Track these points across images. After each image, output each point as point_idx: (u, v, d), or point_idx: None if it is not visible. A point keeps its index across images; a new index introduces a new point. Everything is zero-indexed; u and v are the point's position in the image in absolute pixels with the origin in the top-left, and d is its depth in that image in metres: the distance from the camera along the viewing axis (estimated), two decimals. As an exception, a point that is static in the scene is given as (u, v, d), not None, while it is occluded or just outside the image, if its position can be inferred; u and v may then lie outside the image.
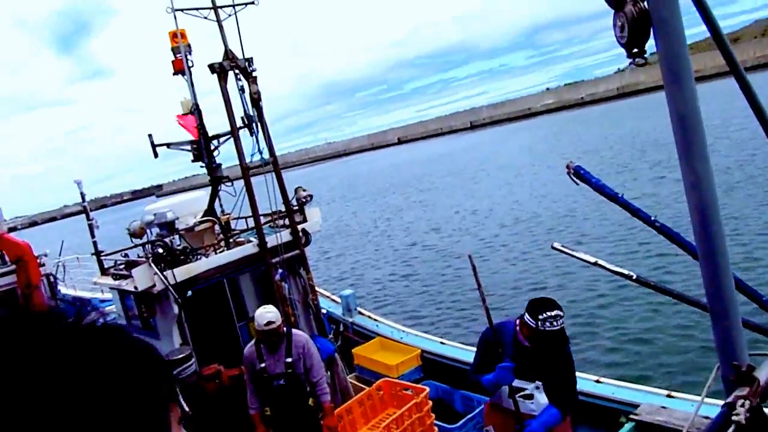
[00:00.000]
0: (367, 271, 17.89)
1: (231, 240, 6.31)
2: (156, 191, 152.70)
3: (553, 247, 3.57)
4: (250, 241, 6.31)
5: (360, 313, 7.98)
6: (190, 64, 5.88)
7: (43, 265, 13.50)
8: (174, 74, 5.95)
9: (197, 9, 5.74)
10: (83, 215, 7.20)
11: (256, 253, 6.13)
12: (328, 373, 6.32)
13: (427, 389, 5.67)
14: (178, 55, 5.82)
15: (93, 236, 6.91)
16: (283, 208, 6.45)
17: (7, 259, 14.70)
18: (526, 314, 3.77)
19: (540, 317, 3.67)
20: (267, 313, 4.75)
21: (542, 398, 3.90)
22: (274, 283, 6.15)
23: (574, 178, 2.91)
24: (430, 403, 5.63)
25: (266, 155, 6.15)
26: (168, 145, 6.18)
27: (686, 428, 3.76)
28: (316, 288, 6.75)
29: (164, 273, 5.51)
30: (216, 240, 6.58)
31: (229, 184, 6.21)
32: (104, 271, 6.92)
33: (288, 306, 6.25)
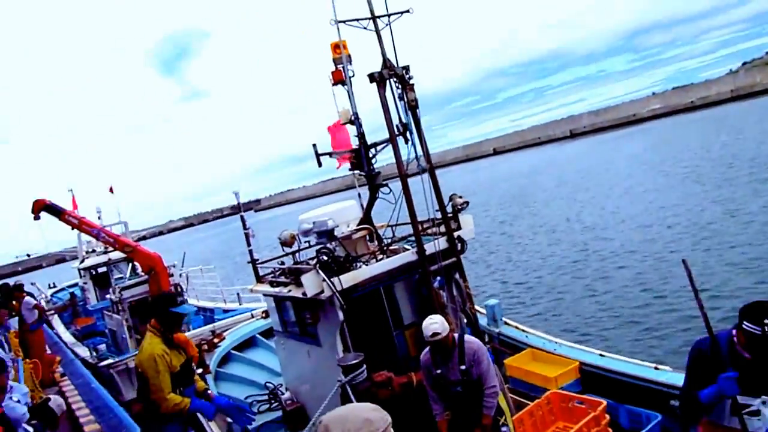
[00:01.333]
0: (509, 280, 17.53)
1: (386, 248, 6.33)
2: (255, 206, 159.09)
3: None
4: (406, 249, 6.30)
5: (506, 323, 7.77)
6: (350, 74, 5.98)
7: (172, 275, 14.39)
8: (334, 85, 6.07)
9: (357, 20, 5.84)
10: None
11: (414, 261, 6.10)
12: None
13: (605, 402, 5.39)
14: (339, 66, 5.93)
15: (249, 245, 7.15)
16: (434, 215, 6.41)
17: (140, 269, 15.79)
18: (745, 321, 3.46)
19: (765, 321, 3.36)
20: (432, 324, 4.72)
21: None
22: (432, 291, 6.08)
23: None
24: (608, 417, 5.34)
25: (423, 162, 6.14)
26: (330, 154, 6.31)
27: None
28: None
29: (332, 279, 5.58)
30: (368, 248, 6.63)
31: (388, 191, 6.23)
32: (260, 279, 7.14)
33: (447, 314, 6.16)
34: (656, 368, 6.33)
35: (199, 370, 8.34)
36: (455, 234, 6.29)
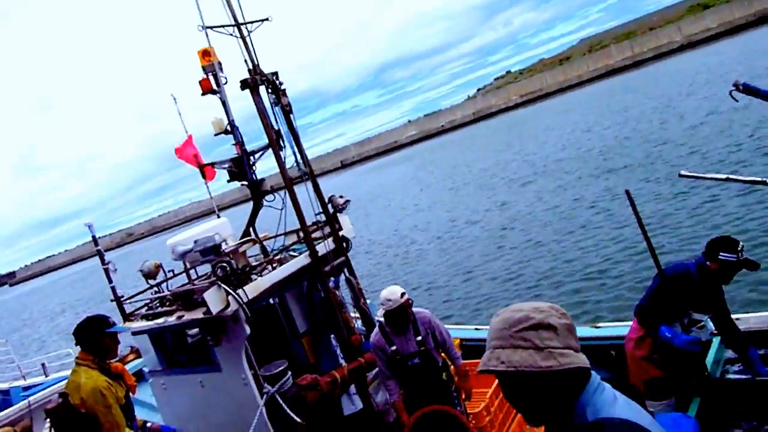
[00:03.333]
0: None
1: (276, 258, 6.20)
2: (9, 279, 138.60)
3: (681, 175, 4.05)
4: (293, 256, 6.24)
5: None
6: (224, 81, 5.79)
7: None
8: (203, 95, 5.83)
9: (223, 26, 5.72)
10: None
11: (307, 264, 6.07)
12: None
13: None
14: (210, 74, 5.72)
15: (110, 281, 6.43)
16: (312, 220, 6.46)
17: None
18: (721, 252, 4.15)
19: (739, 249, 4.11)
20: (395, 289, 4.88)
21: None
22: (330, 292, 6.10)
23: (736, 95, 3.38)
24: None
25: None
26: (213, 164, 6.00)
27: None
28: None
29: (236, 292, 5.32)
30: (248, 262, 6.43)
31: (272, 198, 6.12)
32: (127, 317, 6.47)
33: (345, 312, 6.22)
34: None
35: None
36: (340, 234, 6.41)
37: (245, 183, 6.13)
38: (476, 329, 7.44)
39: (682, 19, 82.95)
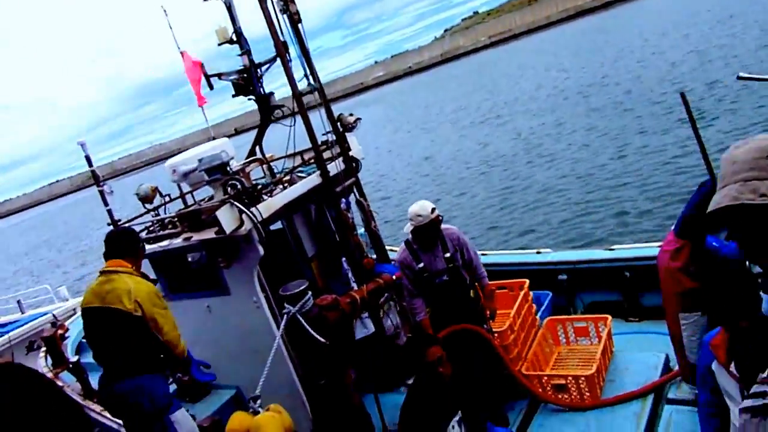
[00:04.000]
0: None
1: (286, 178, 5.90)
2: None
3: (740, 77, 3.88)
4: (301, 177, 5.94)
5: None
6: (229, -16, 5.31)
7: None
8: (204, 0, 5.36)
9: None
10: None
11: (319, 185, 5.79)
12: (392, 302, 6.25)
13: (526, 280, 5.87)
14: (214, -23, 5.24)
15: (106, 204, 6.06)
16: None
17: None
18: None
19: None
20: (426, 204, 4.67)
21: None
22: (341, 213, 5.85)
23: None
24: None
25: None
26: (219, 75, 5.57)
27: None
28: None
29: (250, 210, 5.03)
30: (252, 183, 6.11)
31: (280, 114, 5.75)
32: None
33: (356, 236, 6.00)
34: (538, 252, 7.04)
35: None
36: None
37: (252, 97, 5.73)
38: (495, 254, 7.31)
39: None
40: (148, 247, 5.85)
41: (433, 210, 4.89)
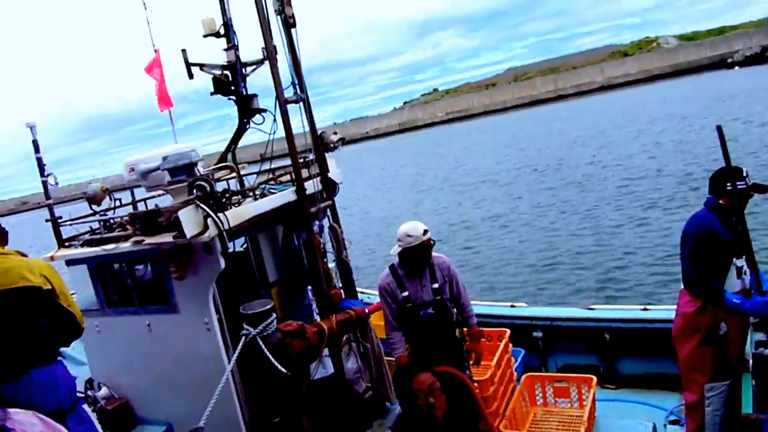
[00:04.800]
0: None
1: (257, 191, 5.35)
2: None
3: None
4: (272, 193, 5.41)
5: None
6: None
7: None
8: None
9: None
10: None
11: (293, 201, 5.25)
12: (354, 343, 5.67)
13: (507, 330, 5.40)
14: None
15: (48, 197, 5.34)
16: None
17: None
18: (728, 184, 3.76)
19: (744, 174, 3.72)
20: (417, 225, 4.19)
21: None
22: (314, 237, 5.30)
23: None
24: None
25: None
26: (201, 66, 5.04)
27: None
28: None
29: (218, 216, 4.44)
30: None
31: (261, 121, 5.23)
32: (63, 243, 5.41)
33: (326, 263, 5.45)
34: (512, 305, 6.62)
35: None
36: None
37: (233, 97, 5.23)
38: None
39: (604, 62, 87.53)
40: (88, 250, 5.17)
41: (425, 232, 4.42)
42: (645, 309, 5.84)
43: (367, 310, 5.16)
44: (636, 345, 5.84)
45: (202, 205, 4.41)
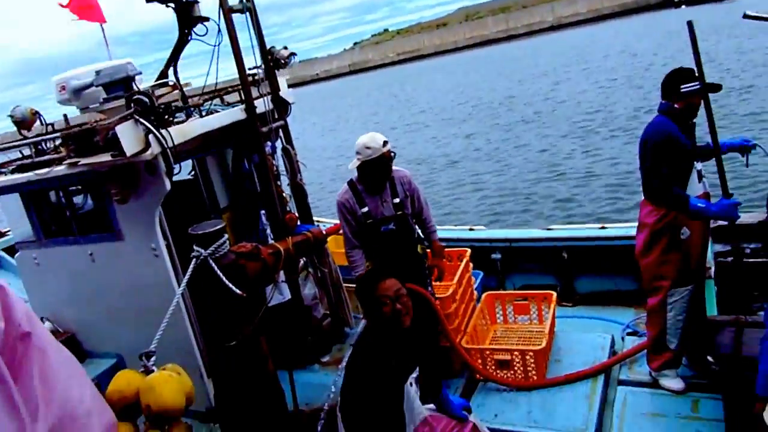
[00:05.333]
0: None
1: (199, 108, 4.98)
2: None
3: (746, 15, 3.53)
4: (216, 111, 5.06)
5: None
6: None
7: None
8: None
9: None
10: None
11: (243, 120, 4.94)
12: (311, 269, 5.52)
13: (467, 250, 5.33)
14: None
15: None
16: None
17: None
18: (682, 86, 3.66)
19: (697, 74, 3.62)
20: (376, 136, 3.97)
21: None
22: (266, 158, 5.02)
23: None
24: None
25: None
26: None
27: None
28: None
29: (160, 132, 4.11)
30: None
31: (205, 32, 4.82)
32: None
33: (279, 186, 5.20)
34: (471, 229, 6.55)
35: None
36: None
37: (171, 5, 4.79)
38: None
39: (555, 1, 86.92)
40: (19, 176, 4.77)
41: (385, 143, 4.21)
42: (602, 227, 5.84)
43: (324, 232, 4.98)
44: (593, 263, 5.87)
45: (142, 120, 4.07)
